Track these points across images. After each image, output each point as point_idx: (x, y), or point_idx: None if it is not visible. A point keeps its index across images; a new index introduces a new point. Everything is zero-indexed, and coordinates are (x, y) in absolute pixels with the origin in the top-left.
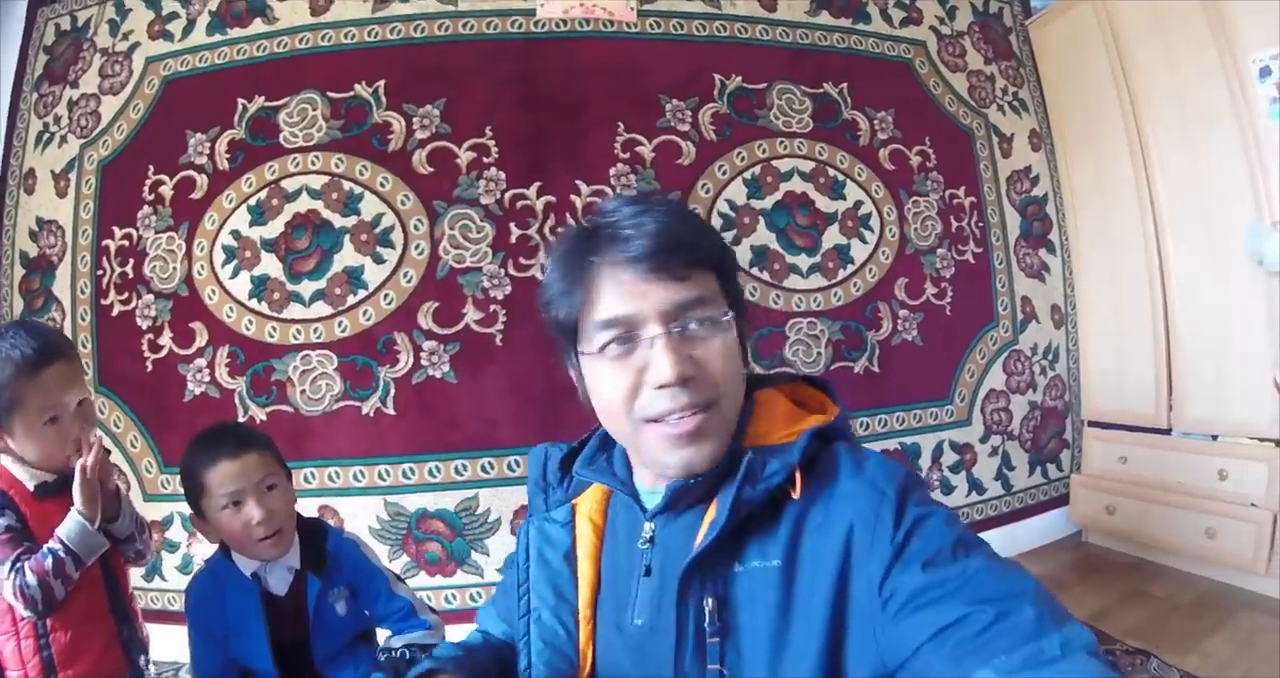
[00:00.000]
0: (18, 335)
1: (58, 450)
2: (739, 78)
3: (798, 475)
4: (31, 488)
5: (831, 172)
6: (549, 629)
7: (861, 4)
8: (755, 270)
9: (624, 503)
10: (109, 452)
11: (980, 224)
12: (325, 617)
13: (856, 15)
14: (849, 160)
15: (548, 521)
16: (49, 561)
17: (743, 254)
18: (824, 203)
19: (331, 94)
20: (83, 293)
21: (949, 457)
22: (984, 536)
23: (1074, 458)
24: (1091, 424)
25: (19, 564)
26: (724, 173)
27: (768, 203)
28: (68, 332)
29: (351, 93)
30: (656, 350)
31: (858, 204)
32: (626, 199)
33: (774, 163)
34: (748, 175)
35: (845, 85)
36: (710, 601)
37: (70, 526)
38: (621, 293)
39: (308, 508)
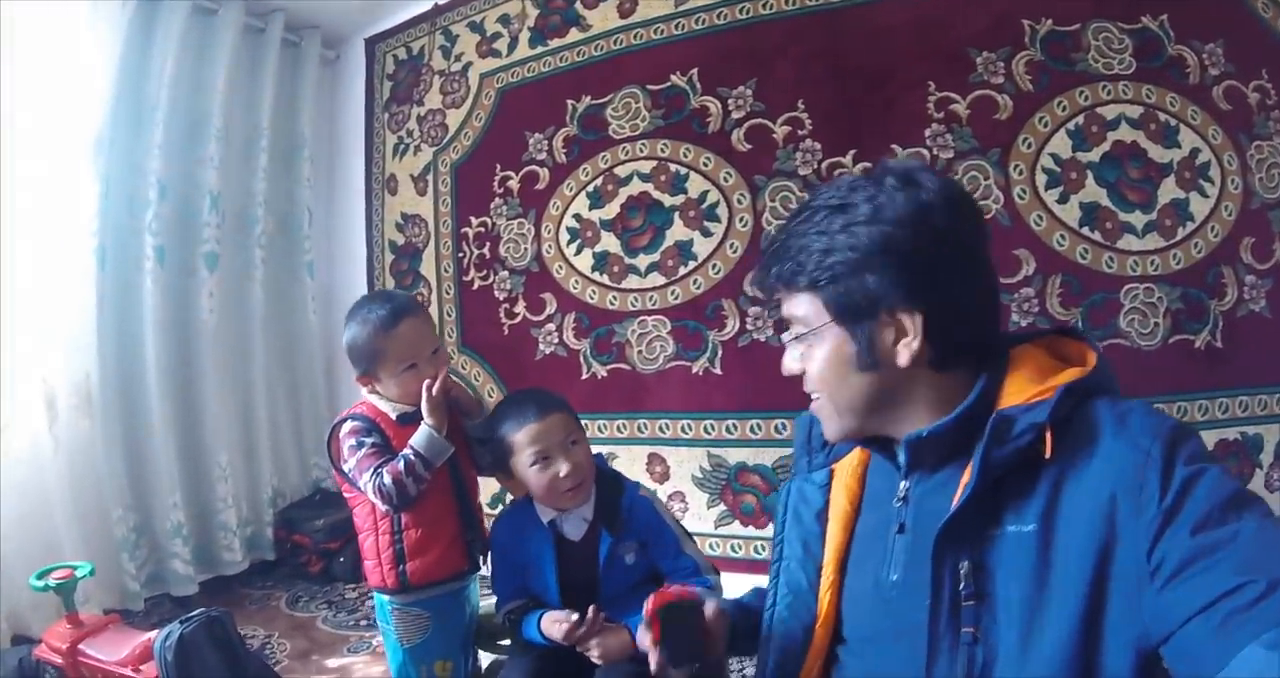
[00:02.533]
0: (373, 302)
1: (416, 390)
2: (1049, 20)
3: (1048, 435)
4: (394, 417)
5: (1162, 116)
6: (794, 579)
7: None
8: (1085, 230)
9: (881, 468)
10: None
11: None
12: (614, 565)
13: None
14: (1179, 102)
15: (807, 481)
16: (402, 463)
17: (1071, 212)
18: (1156, 152)
19: (650, 86)
20: (446, 272)
21: None
22: None
23: None
24: None
25: (379, 470)
26: (1045, 125)
27: (1095, 155)
28: (434, 304)
29: (668, 83)
30: None
31: (1194, 152)
32: (802, 208)
33: (1098, 110)
34: (1071, 126)
35: (1165, 17)
36: (966, 563)
37: (420, 434)
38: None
39: (639, 454)
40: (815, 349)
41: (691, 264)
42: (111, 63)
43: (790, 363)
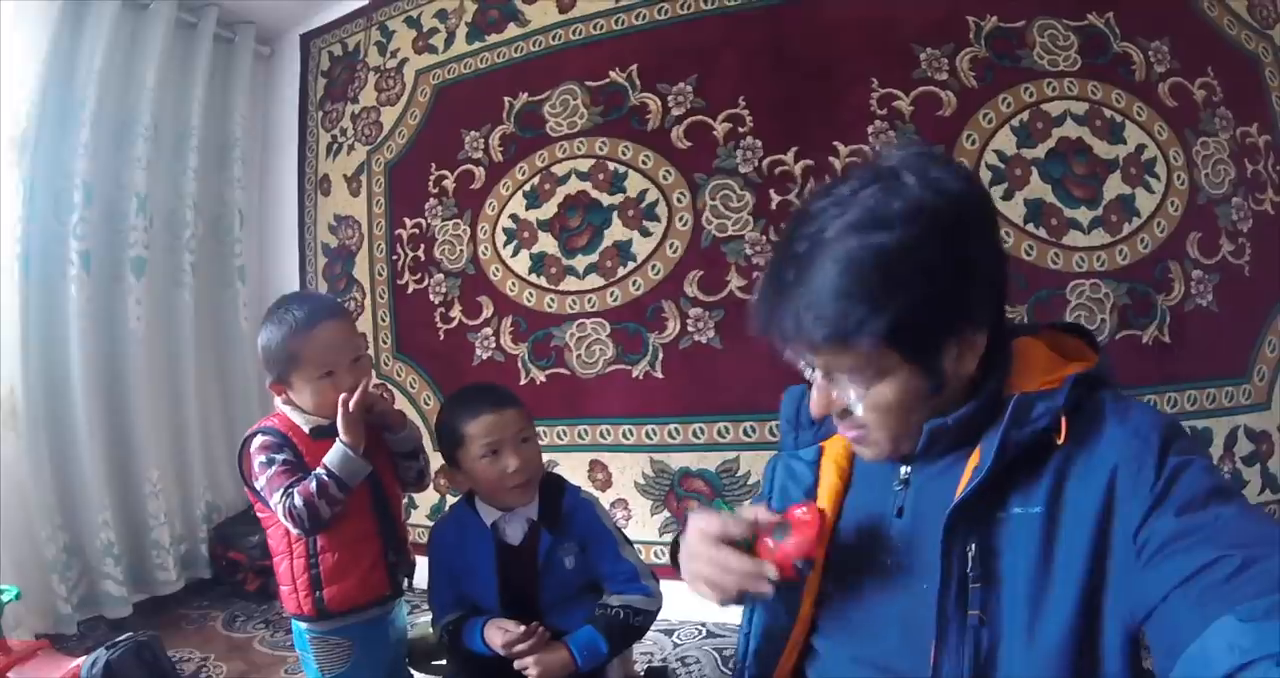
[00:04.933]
0: (290, 302)
1: (333, 401)
2: (994, 17)
3: (1063, 420)
4: (308, 430)
5: (1108, 113)
6: None
7: None
8: (1031, 227)
9: None
10: (388, 397)
11: (1278, 167)
12: (553, 568)
13: None
14: (1125, 98)
15: (795, 458)
16: (314, 484)
17: (1016, 209)
18: (1102, 148)
19: (589, 83)
20: (380, 275)
21: (1243, 446)
22: None
23: None
24: None
25: (290, 490)
26: (989, 121)
27: (1040, 151)
28: (367, 308)
29: (607, 80)
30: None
31: (1140, 148)
32: (811, 237)
33: (1043, 107)
34: (1015, 122)
35: (1111, 14)
36: (973, 546)
37: (333, 453)
38: None
39: (580, 461)
40: (879, 390)
41: (631, 265)
42: (38, 59)
43: (836, 406)
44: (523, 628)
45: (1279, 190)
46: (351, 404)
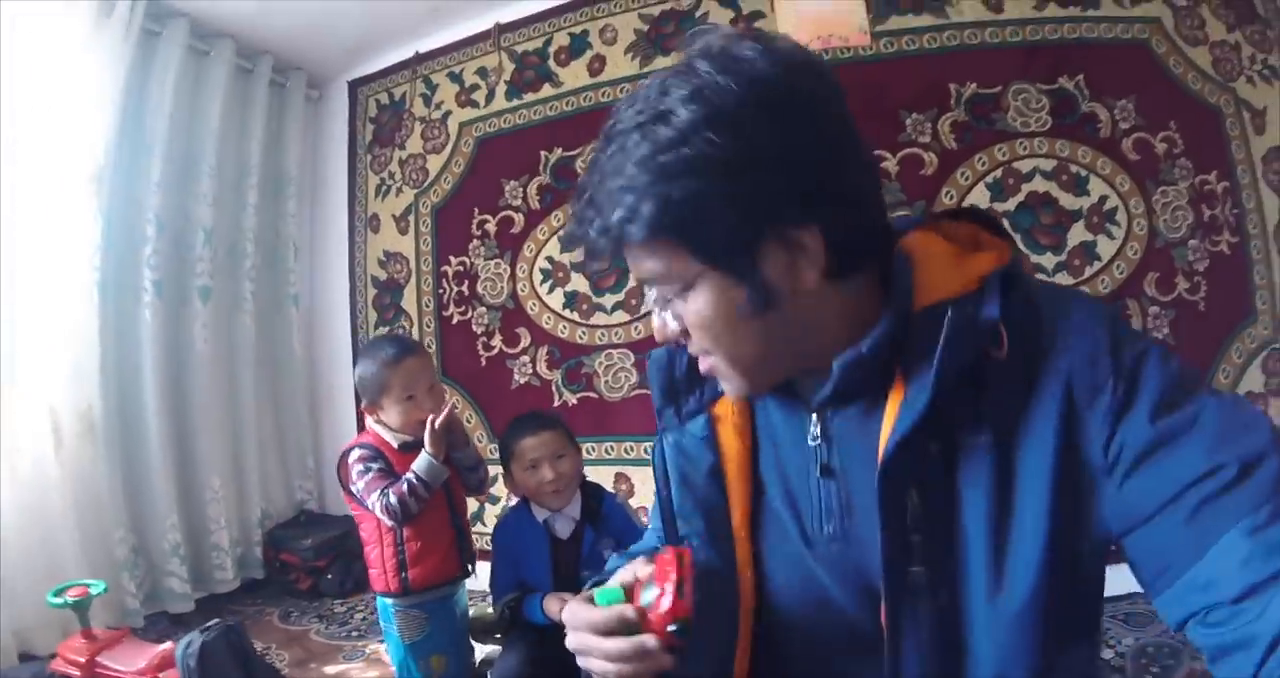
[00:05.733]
0: (383, 341)
1: (415, 420)
2: (974, 84)
3: (1003, 331)
4: (396, 446)
5: (1074, 168)
6: (703, 558)
7: None
8: None
9: (774, 402)
10: (461, 416)
11: (1235, 211)
12: (595, 557)
13: (1085, 1)
14: (1090, 154)
15: (683, 435)
16: (405, 485)
17: None
18: (1067, 200)
19: None
20: (427, 307)
21: None
22: None
23: None
24: None
25: (386, 491)
26: (966, 178)
27: (1011, 205)
28: (415, 336)
29: None
30: None
31: (1102, 199)
32: (605, 133)
33: (1014, 164)
34: (989, 179)
35: (1081, 77)
36: (914, 492)
37: (420, 461)
38: None
39: (606, 474)
40: (691, 304)
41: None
42: (112, 102)
43: (665, 327)
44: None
45: (1234, 232)
46: (438, 423)
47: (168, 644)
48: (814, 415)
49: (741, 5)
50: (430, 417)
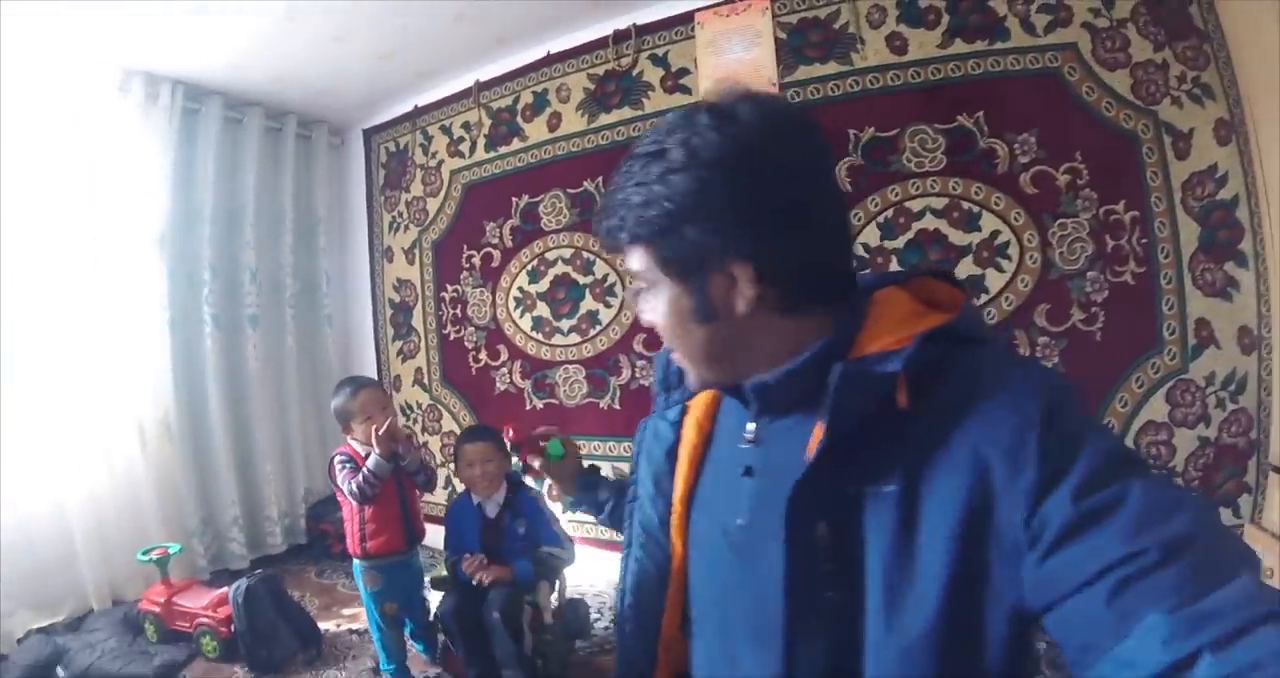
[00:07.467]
0: (346, 380)
1: (372, 435)
2: (872, 128)
3: (902, 387)
4: (364, 454)
5: (966, 205)
6: (647, 517)
7: (999, 19)
8: None
9: (733, 406)
10: (411, 433)
11: (1144, 240)
12: (512, 532)
13: (994, 34)
14: (985, 191)
15: (661, 419)
16: (361, 477)
17: None
18: (957, 236)
19: (570, 190)
20: (430, 326)
21: None
22: None
23: (1256, 505)
24: None
25: (350, 481)
26: (858, 219)
27: (900, 243)
28: (422, 349)
29: (582, 188)
30: None
31: (994, 234)
32: (625, 158)
33: (906, 204)
34: (881, 219)
35: (981, 113)
36: (822, 524)
37: (371, 459)
38: None
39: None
40: (654, 301)
41: (598, 328)
42: (165, 174)
43: (643, 317)
44: (480, 557)
45: (1141, 262)
46: (381, 431)
47: (224, 589)
48: (751, 423)
49: (670, 63)
50: (375, 427)
